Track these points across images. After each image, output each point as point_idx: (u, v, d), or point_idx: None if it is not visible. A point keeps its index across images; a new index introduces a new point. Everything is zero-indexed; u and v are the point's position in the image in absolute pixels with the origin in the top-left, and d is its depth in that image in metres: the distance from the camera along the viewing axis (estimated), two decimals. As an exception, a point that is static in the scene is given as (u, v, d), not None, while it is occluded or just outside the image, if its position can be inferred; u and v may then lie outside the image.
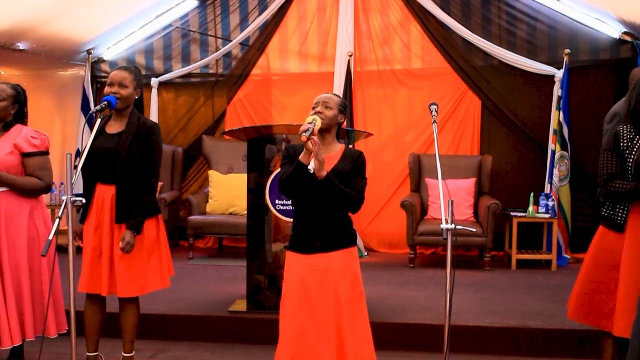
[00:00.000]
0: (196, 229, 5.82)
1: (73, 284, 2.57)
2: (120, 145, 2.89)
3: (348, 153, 2.63)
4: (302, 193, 2.55)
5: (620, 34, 5.68)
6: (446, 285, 2.47)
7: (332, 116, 2.59)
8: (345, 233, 2.61)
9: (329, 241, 2.56)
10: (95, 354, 3.09)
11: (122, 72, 2.96)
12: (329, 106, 2.59)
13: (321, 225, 2.55)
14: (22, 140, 3.07)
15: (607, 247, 2.81)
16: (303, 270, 2.55)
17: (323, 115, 2.55)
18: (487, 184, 5.90)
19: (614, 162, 2.79)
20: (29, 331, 3.07)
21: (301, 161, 2.43)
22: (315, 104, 2.60)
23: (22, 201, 3.09)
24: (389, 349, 3.70)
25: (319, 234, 2.55)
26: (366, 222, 6.30)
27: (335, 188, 2.49)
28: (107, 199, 2.93)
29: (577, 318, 2.99)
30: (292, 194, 2.59)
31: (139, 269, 2.95)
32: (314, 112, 2.56)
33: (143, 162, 2.95)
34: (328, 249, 2.55)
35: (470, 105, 6.18)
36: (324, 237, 2.55)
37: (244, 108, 6.59)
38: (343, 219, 2.61)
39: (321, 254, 2.55)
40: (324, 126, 2.53)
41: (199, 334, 3.84)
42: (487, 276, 5.22)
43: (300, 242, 2.58)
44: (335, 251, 2.56)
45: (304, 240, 2.57)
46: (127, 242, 2.85)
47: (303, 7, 6.47)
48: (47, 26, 5.52)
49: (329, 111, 2.58)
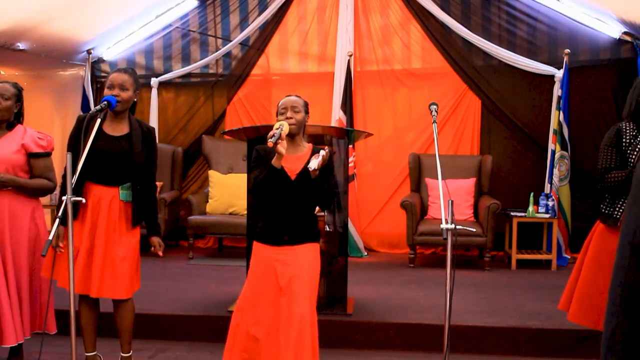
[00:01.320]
0: (196, 229, 5.82)
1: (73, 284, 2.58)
2: (134, 150, 2.94)
3: (316, 151, 2.75)
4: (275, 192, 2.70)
5: (620, 34, 5.68)
6: (446, 285, 2.47)
7: (301, 119, 2.76)
8: (311, 229, 2.80)
9: (297, 235, 2.73)
10: (93, 354, 3.09)
11: (122, 74, 2.96)
12: (297, 110, 2.75)
13: (291, 220, 2.73)
14: (30, 140, 3.12)
15: (607, 246, 2.81)
16: (271, 258, 2.72)
17: (293, 120, 2.73)
18: (487, 184, 5.90)
19: (613, 157, 2.80)
20: (26, 329, 3.09)
21: (274, 165, 2.60)
22: (284, 109, 2.75)
23: (25, 201, 3.12)
24: (389, 349, 3.71)
25: (288, 228, 2.73)
26: (366, 222, 6.30)
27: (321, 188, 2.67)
28: (105, 200, 2.93)
29: (578, 320, 2.98)
30: (265, 195, 2.74)
31: (132, 270, 2.99)
32: (283, 117, 2.72)
33: (147, 165, 3.04)
34: (295, 242, 2.73)
35: (470, 105, 6.18)
36: (293, 231, 2.73)
37: (244, 108, 6.59)
38: (311, 216, 2.80)
39: (288, 247, 2.72)
40: (294, 130, 2.72)
41: (198, 334, 3.84)
42: (487, 276, 5.22)
43: (269, 234, 2.75)
44: (301, 244, 2.73)
45: (273, 232, 2.74)
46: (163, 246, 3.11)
47: (303, 7, 6.47)
48: (47, 26, 5.52)
49: (298, 115, 2.75)
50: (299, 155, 2.76)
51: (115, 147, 2.92)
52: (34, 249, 3.13)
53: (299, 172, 2.69)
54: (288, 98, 2.79)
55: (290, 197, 2.70)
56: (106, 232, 2.93)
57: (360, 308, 4.05)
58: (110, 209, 2.93)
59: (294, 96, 2.82)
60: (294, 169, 2.71)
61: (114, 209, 2.94)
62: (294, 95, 2.83)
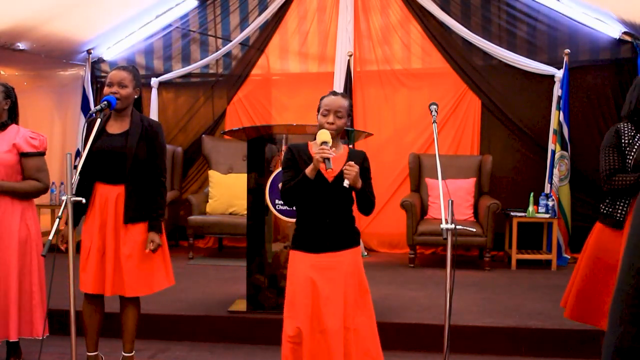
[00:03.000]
0: (196, 229, 5.82)
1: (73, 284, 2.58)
2: (127, 146, 2.91)
3: (353, 154, 2.65)
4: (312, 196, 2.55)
5: (620, 34, 5.68)
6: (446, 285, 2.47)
7: (343, 124, 2.60)
8: (352, 232, 2.64)
9: (338, 240, 2.58)
10: (95, 354, 3.09)
11: (121, 72, 2.96)
12: (340, 115, 2.58)
13: (331, 225, 2.56)
14: (21, 140, 3.08)
15: (606, 246, 2.81)
16: (310, 269, 2.54)
17: (335, 126, 2.56)
18: (487, 184, 5.90)
19: (616, 158, 2.80)
20: (13, 332, 3.05)
21: (308, 176, 2.47)
22: (326, 111, 2.58)
23: (15, 202, 3.09)
24: (389, 349, 3.69)
25: (328, 233, 2.56)
26: (366, 222, 6.29)
27: (364, 196, 2.55)
28: (111, 198, 2.93)
29: (576, 318, 2.98)
30: (295, 203, 2.60)
31: (147, 268, 2.98)
32: (325, 120, 2.56)
33: (151, 161, 3.00)
34: (337, 248, 2.57)
35: (470, 105, 6.18)
36: (334, 236, 2.57)
37: (244, 108, 6.59)
38: (350, 218, 2.65)
39: (330, 253, 2.56)
40: (333, 136, 2.54)
41: (199, 334, 3.84)
42: (487, 276, 5.22)
43: (307, 241, 2.58)
44: (343, 250, 2.58)
45: (312, 239, 2.57)
46: (157, 243, 2.95)
47: (303, 7, 6.47)
48: (47, 26, 5.52)
49: (341, 121, 2.59)
50: (337, 157, 2.58)
51: (112, 144, 2.92)
52: (24, 250, 3.10)
53: (337, 174, 2.53)
54: (334, 98, 2.60)
55: (329, 199, 2.55)
56: (115, 231, 2.93)
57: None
58: (117, 207, 2.93)
59: (340, 96, 2.62)
60: (331, 171, 2.54)
61: (120, 206, 2.94)
62: (340, 95, 2.64)
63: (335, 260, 2.55)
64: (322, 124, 2.56)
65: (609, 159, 2.82)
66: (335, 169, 2.52)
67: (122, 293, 2.96)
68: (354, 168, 2.43)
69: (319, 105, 2.63)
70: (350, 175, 2.43)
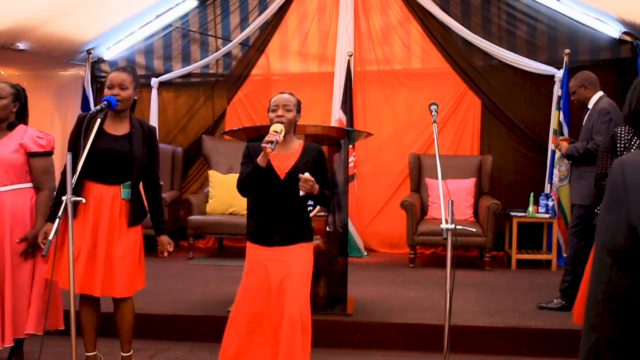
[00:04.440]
0: (196, 229, 5.82)
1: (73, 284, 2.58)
2: (133, 149, 2.93)
3: (308, 149, 2.77)
4: (264, 191, 2.69)
5: (620, 34, 5.68)
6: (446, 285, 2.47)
7: (292, 118, 2.75)
8: (304, 228, 2.76)
9: (289, 235, 2.70)
10: (94, 354, 3.08)
11: (121, 73, 2.96)
12: (289, 109, 2.73)
13: (281, 220, 2.70)
14: (28, 139, 3.09)
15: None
16: (263, 259, 2.70)
17: (284, 118, 2.70)
18: (487, 184, 5.90)
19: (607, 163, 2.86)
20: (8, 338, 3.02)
21: (259, 164, 2.61)
22: (275, 106, 2.74)
23: (26, 201, 3.11)
24: (389, 349, 3.71)
25: (279, 228, 2.70)
26: (366, 222, 6.29)
27: (320, 197, 2.69)
28: (107, 199, 2.93)
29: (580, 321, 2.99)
30: (250, 193, 2.76)
31: (133, 269, 3.00)
32: (274, 115, 2.71)
33: (150, 164, 3.04)
34: (287, 243, 2.70)
35: (470, 105, 6.18)
36: (283, 231, 2.70)
37: (244, 108, 6.59)
38: (303, 215, 2.77)
39: (280, 247, 2.70)
40: (285, 129, 2.67)
41: (199, 334, 3.84)
42: (487, 276, 5.22)
43: (260, 234, 2.73)
44: (293, 245, 2.70)
45: (265, 233, 2.72)
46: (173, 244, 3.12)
47: (303, 7, 6.47)
48: (47, 26, 5.52)
49: (290, 114, 2.73)
50: (289, 153, 2.74)
51: (116, 146, 2.92)
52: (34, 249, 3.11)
53: (288, 170, 2.68)
54: (281, 95, 2.78)
55: (280, 196, 2.69)
56: (108, 231, 2.93)
57: (360, 308, 4.05)
58: (112, 208, 2.93)
59: (287, 94, 2.79)
60: (283, 168, 2.69)
61: (115, 207, 2.94)
62: (287, 93, 2.80)
63: (285, 253, 2.69)
64: (272, 119, 2.72)
65: (601, 164, 2.93)
66: (288, 165, 2.68)
67: (111, 294, 2.96)
68: (307, 183, 2.57)
69: (269, 106, 2.79)
70: (305, 189, 2.59)
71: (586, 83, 4.19)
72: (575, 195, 4.13)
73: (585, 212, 3.94)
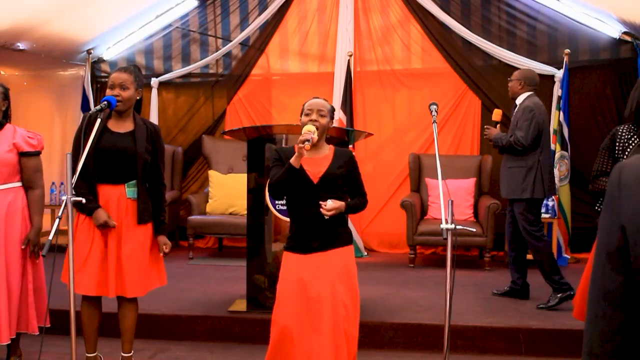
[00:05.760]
0: (196, 229, 5.82)
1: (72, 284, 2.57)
2: (137, 146, 2.93)
3: (339, 154, 2.72)
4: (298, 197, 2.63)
5: (620, 34, 5.68)
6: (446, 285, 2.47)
7: (326, 124, 2.69)
8: (341, 232, 2.69)
9: (326, 241, 2.63)
10: (94, 355, 3.08)
11: (122, 74, 2.95)
12: (323, 114, 2.68)
13: (318, 226, 2.62)
14: (20, 139, 3.09)
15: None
16: (299, 269, 2.61)
17: (318, 123, 2.64)
18: (487, 184, 5.90)
19: (606, 161, 2.86)
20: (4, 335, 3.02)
21: (292, 164, 2.54)
22: (309, 110, 2.68)
23: (21, 199, 3.11)
24: (389, 349, 3.71)
25: (316, 235, 2.62)
26: (366, 222, 6.29)
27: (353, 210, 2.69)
28: (113, 199, 2.93)
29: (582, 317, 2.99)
30: (282, 195, 2.71)
31: (145, 269, 2.99)
32: (307, 119, 2.65)
33: (154, 163, 3.04)
34: (324, 248, 2.62)
35: (470, 105, 6.18)
36: (321, 238, 2.63)
37: (244, 108, 6.59)
38: (339, 218, 2.68)
39: (318, 254, 2.62)
40: (318, 135, 2.62)
41: (199, 334, 3.84)
42: (487, 276, 5.22)
43: (298, 243, 2.65)
44: (331, 250, 2.63)
45: (302, 241, 2.64)
46: (170, 245, 3.08)
47: (303, 7, 6.47)
48: (47, 26, 5.52)
49: (324, 119, 2.68)
50: (321, 157, 2.68)
51: (119, 144, 2.92)
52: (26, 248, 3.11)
53: (322, 175, 2.63)
54: (316, 100, 2.71)
55: (314, 201, 2.60)
56: (117, 232, 2.93)
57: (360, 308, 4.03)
58: (119, 208, 2.93)
59: (321, 99, 2.73)
60: (316, 172, 2.64)
61: (121, 207, 2.94)
62: (321, 98, 2.74)
63: (323, 260, 2.61)
64: (305, 123, 2.66)
65: (599, 161, 2.93)
66: (321, 170, 2.63)
67: (123, 294, 2.96)
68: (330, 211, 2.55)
69: (302, 109, 2.73)
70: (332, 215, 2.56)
71: (525, 82, 4.34)
72: (504, 190, 4.37)
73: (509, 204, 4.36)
